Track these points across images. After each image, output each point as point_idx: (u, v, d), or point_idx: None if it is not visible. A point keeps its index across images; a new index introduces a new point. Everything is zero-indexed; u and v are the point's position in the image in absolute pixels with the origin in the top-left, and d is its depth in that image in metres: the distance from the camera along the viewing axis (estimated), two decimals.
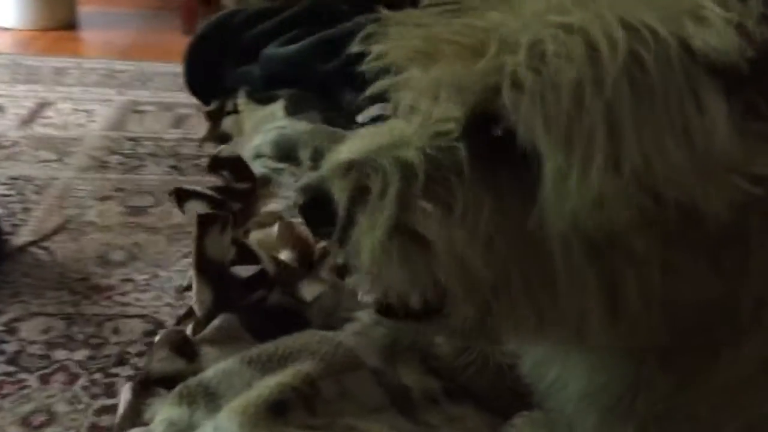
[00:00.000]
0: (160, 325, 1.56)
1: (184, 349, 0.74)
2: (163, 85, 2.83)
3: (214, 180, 1.23)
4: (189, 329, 0.79)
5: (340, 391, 0.70)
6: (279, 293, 0.80)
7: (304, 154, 1.29)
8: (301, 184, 0.55)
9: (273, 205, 1.13)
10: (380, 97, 1.48)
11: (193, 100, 1.78)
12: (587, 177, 0.42)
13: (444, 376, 0.79)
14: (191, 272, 0.91)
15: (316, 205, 0.51)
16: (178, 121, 2.63)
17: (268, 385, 0.67)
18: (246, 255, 0.82)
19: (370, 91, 0.59)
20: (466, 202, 0.47)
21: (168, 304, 1.62)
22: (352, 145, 0.52)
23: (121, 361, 0.83)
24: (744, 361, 0.51)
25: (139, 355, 0.84)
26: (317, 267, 0.86)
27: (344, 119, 1.40)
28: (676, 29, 0.42)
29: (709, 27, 0.42)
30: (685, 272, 0.45)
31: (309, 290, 0.80)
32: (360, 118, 1.35)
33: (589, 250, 0.44)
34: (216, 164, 1.18)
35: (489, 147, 0.47)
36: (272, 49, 1.51)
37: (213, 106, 1.63)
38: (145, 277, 1.08)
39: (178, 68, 1.70)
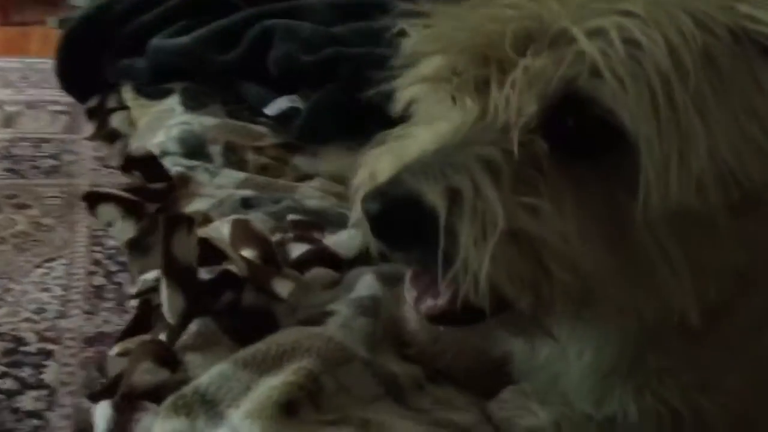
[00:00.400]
0: (20, 341, 1.46)
1: (166, 358, 0.70)
2: None
3: (64, 183, 1.14)
4: (162, 338, 0.74)
5: (338, 385, 0.70)
6: (252, 293, 0.78)
7: (215, 150, 1.24)
8: (370, 192, 0.49)
9: (197, 204, 1.08)
10: (287, 89, 1.46)
11: (22, 97, 1.64)
12: (687, 164, 0.45)
13: (420, 362, 0.80)
14: (140, 279, 0.86)
15: (395, 216, 0.47)
16: (9, 120, 2.43)
17: (274, 386, 0.65)
18: (209, 256, 0.79)
19: (403, 92, 0.56)
20: (551, 195, 0.47)
21: (27, 320, 1.52)
22: (409, 147, 0.50)
23: None
24: (750, 311, 0.57)
25: (2, 376, 0.76)
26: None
27: (249, 112, 1.37)
28: (730, 15, 0.46)
29: (760, 7, 0.46)
30: (741, 241, 0.49)
31: (283, 287, 0.78)
32: (268, 111, 1.33)
33: (678, 232, 0.47)
34: (129, 164, 1.11)
35: (567, 137, 0.48)
36: (161, 41, 1.44)
37: (93, 102, 1.53)
38: None
39: (2, 62, 1.56)
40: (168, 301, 0.74)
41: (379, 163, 0.52)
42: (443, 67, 0.55)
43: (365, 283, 0.84)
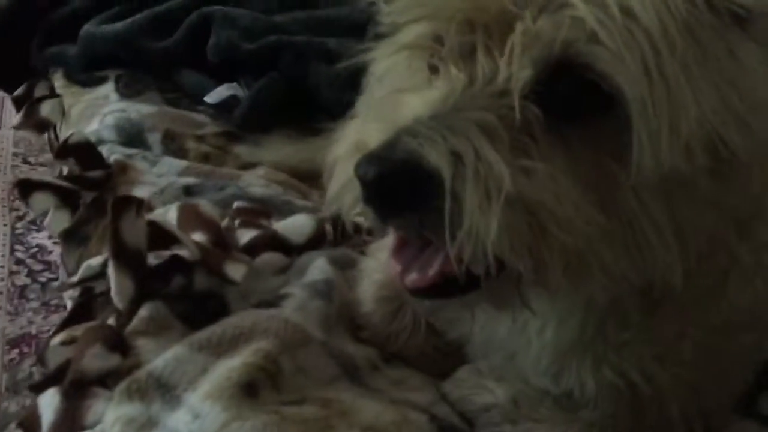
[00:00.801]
0: None
1: (117, 343, 0.68)
2: None
3: None
4: (111, 322, 0.72)
5: (297, 366, 0.69)
6: (204, 276, 0.76)
7: (154, 138, 1.21)
8: (365, 157, 0.48)
9: (137, 192, 1.05)
10: (227, 77, 1.43)
11: None
12: (678, 129, 0.46)
13: (375, 344, 0.80)
14: (84, 265, 0.83)
15: (396, 179, 0.46)
16: None
17: (233, 367, 0.64)
18: (159, 239, 0.77)
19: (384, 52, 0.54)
20: (544, 158, 0.47)
21: None
22: (399, 114, 0.49)
23: None
24: (700, 278, 0.58)
25: None
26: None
27: (189, 101, 1.34)
28: None
29: None
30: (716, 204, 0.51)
31: (236, 271, 0.77)
32: (208, 99, 1.30)
33: (663, 195, 0.48)
34: (64, 151, 1.07)
35: (557, 102, 0.48)
36: (94, 27, 1.39)
37: (20, 90, 1.47)
38: None
39: None
40: (117, 286, 0.71)
41: (367, 131, 0.51)
42: (424, 35, 0.54)
43: (318, 267, 0.83)
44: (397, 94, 0.57)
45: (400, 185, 0.47)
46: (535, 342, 0.66)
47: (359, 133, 0.52)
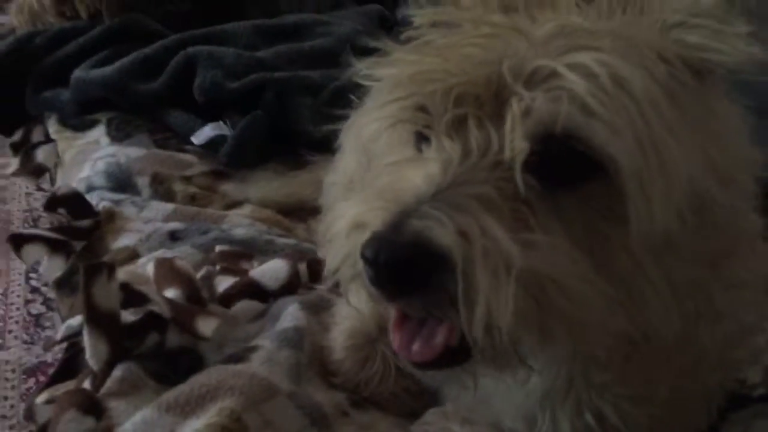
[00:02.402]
0: None
1: (91, 407, 0.71)
2: None
3: None
4: (86, 384, 0.75)
5: (264, 420, 0.72)
6: (176, 334, 0.79)
7: (142, 182, 1.25)
8: (372, 240, 0.48)
9: (124, 240, 1.09)
10: (214, 116, 1.47)
11: None
12: (670, 192, 0.47)
13: (346, 390, 0.83)
14: (64, 325, 0.87)
15: (406, 263, 0.46)
16: None
17: (197, 428, 0.67)
18: (131, 298, 0.80)
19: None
20: (543, 228, 0.48)
21: None
22: (398, 191, 0.50)
23: None
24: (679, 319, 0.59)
25: None
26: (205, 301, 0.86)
27: (177, 141, 1.37)
28: (682, 46, 0.50)
29: (708, 37, 0.49)
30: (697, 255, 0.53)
31: (207, 325, 0.80)
32: (195, 139, 1.34)
33: (654, 254, 0.50)
34: (53, 203, 1.11)
35: (550, 170, 0.49)
36: (84, 72, 1.43)
37: (17, 136, 1.52)
38: None
39: None
40: (91, 349, 0.75)
41: (368, 209, 0.51)
42: (410, 106, 0.55)
43: (289, 315, 0.86)
44: (391, 168, 0.58)
45: (410, 268, 0.47)
46: (517, 388, 0.66)
47: (357, 211, 0.52)
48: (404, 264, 0.47)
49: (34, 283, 1.94)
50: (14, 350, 1.70)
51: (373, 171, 0.65)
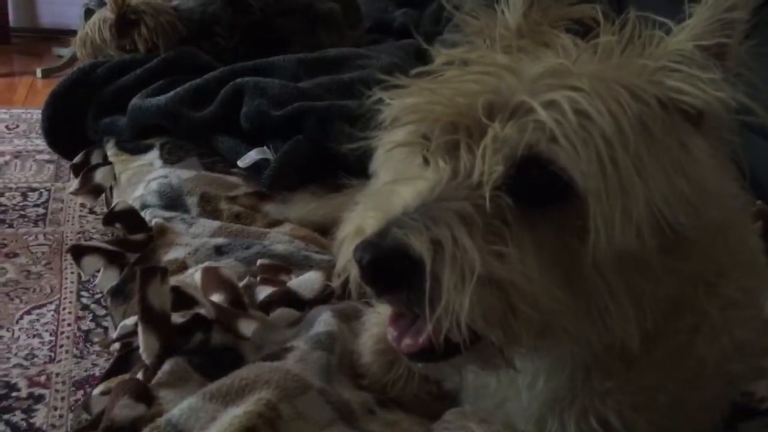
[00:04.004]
0: (11, 387, 1.50)
1: (143, 395, 0.79)
2: None
3: (51, 231, 1.22)
4: (139, 376, 0.84)
5: (296, 412, 0.79)
6: (220, 333, 0.87)
7: (191, 201, 1.34)
8: (361, 244, 0.56)
9: (174, 253, 1.18)
10: (258, 141, 1.57)
11: (9, 147, 1.69)
12: (629, 214, 0.54)
13: (374, 391, 0.89)
14: (120, 324, 0.96)
15: (386, 264, 0.54)
16: None
17: (237, 414, 0.74)
18: (181, 300, 0.88)
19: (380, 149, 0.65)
20: (516, 242, 0.55)
21: (17, 366, 1.56)
22: (392, 204, 0.58)
23: None
24: (675, 337, 0.66)
25: None
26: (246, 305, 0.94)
27: (224, 164, 1.47)
28: (659, 88, 0.57)
29: (684, 81, 0.56)
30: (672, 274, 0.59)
31: (247, 327, 0.88)
32: (241, 163, 1.43)
33: (620, 271, 0.56)
34: (111, 218, 1.21)
35: (525, 192, 0.57)
36: (140, 100, 1.54)
37: (78, 159, 1.64)
38: None
39: None
40: (144, 344, 0.83)
41: (365, 218, 0.60)
42: (414, 132, 0.64)
43: (323, 321, 0.93)
44: (391, 185, 0.66)
45: (389, 269, 0.55)
46: (525, 393, 0.73)
47: (360, 220, 0.61)
48: (384, 265, 0.55)
49: (84, 300, 2.03)
50: (64, 363, 1.77)
51: (379, 187, 0.74)
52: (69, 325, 1.93)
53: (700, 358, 0.68)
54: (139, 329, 0.83)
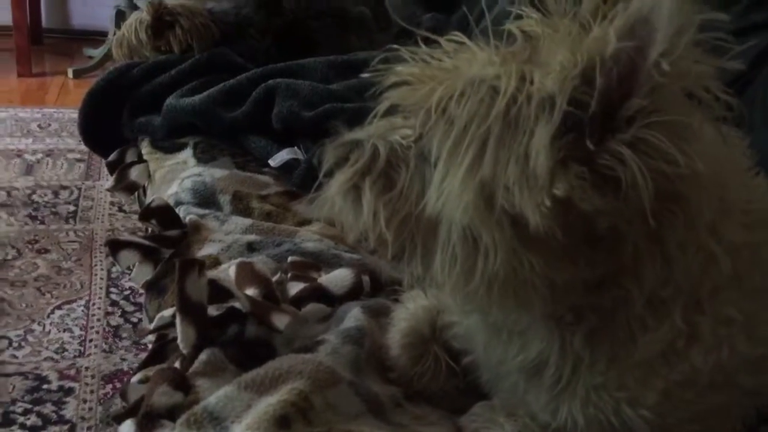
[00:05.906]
0: (42, 379, 1.53)
1: (180, 383, 0.82)
2: (5, 131, 2.67)
3: (81, 228, 1.24)
4: (176, 365, 0.87)
5: (327, 402, 0.82)
6: (254, 326, 0.90)
7: (224, 199, 1.37)
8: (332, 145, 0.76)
9: (208, 249, 1.21)
10: (289, 141, 1.61)
11: (40, 146, 1.73)
12: (466, 185, 0.62)
13: (400, 384, 0.92)
14: (158, 316, 0.99)
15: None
16: (29, 169, 2.55)
17: (270, 403, 0.77)
18: (217, 293, 0.91)
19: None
20: (403, 185, 0.69)
21: (48, 359, 1.59)
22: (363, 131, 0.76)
23: (8, 422, 0.81)
24: (650, 344, 0.70)
25: (26, 413, 0.81)
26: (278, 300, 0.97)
27: (256, 164, 1.51)
28: (520, 83, 0.62)
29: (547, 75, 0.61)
30: (548, 261, 0.64)
31: (280, 320, 0.90)
32: (272, 162, 1.46)
33: (461, 234, 0.64)
34: (147, 214, 1.25)
35: None
36: (175, 100, 1.58)
37: (113, 156, 1.68)
38: (19, 333, 1.04)
39: (22, 113, 1.67)
40: (182, 334, 0.86)
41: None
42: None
43: (353, 316, 0.96)
44: None
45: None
46: (539, 386, 0.77)
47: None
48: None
49: (113, 296, 2.08)
50: (94, 357, 1.81)
51: None
52: (98, 320, 1.98)
53: (692, 366, 0.71)
54: (177, 320, 0.86)
